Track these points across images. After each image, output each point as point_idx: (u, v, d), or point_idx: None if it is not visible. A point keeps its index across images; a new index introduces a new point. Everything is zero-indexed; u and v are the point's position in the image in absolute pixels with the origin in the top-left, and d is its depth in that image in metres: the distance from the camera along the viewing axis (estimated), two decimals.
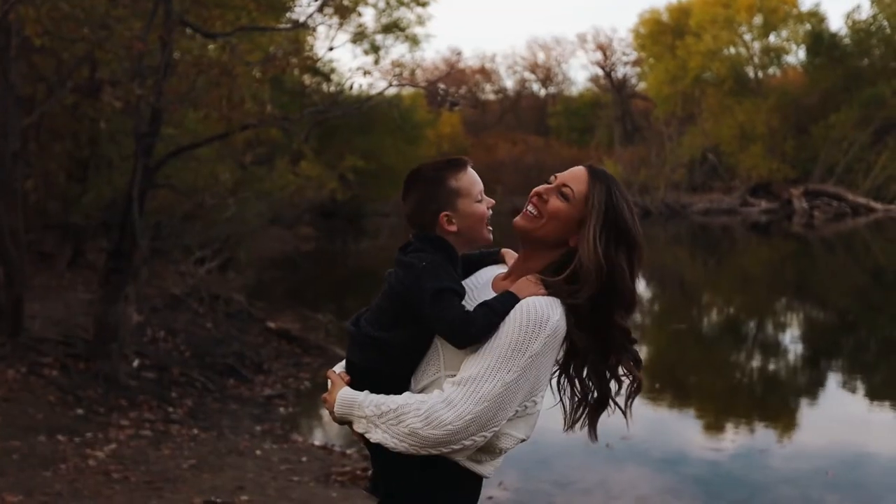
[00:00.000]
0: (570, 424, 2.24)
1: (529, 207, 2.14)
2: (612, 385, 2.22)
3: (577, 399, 2.22)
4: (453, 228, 2.13)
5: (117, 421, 7.52)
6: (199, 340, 10.60)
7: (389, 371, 2.11)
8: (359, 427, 2.05)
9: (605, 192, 2.10)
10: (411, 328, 2.09)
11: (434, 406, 1.96)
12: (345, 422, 2.10)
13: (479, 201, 2.15)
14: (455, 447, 1.97)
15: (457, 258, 2.14)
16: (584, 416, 2.23)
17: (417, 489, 2.06)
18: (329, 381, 2.18)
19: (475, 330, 2.02)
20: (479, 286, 2.20)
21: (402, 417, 1.97)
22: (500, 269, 2.29)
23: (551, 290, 2.06)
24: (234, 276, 15.57)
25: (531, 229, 2.13)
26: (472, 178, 2.15)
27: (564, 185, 2.12)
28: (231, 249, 16.08)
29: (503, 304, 2.03)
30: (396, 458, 2.02)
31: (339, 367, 2.22)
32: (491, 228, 2.18)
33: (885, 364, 11.37)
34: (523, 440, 2.12)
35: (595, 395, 2.21)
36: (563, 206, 2.10)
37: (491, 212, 2.17)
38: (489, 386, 1.95)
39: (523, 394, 2.00)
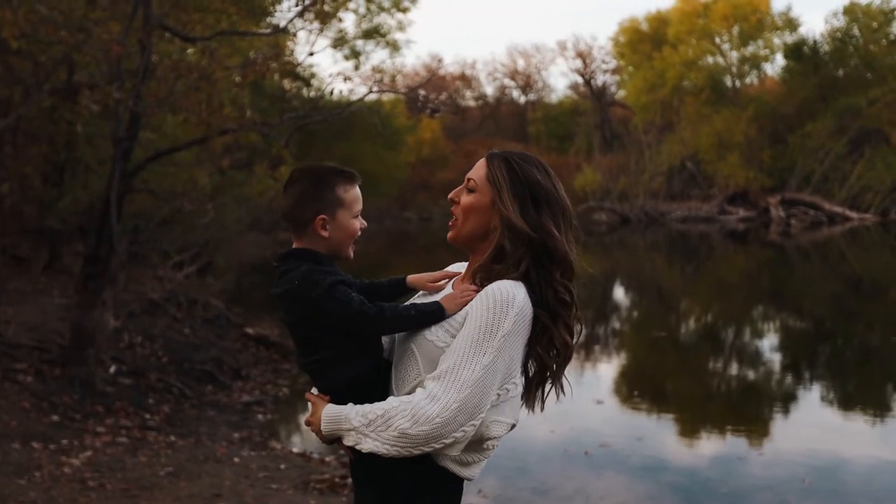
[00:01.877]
0: (532, 402, 2.18)
1: (453, 217, 2.21)
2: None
3: (533, 374, 2.17)
4: (325, 234, 2.14)
5: (93, 428, 7.44)
6: (176, 346, 10.52)
7: (354, 376, 2.11)
8: (348, 440, 2.04)
9: (504, 164, 2.16)
10: (335, 338, 2.10)
11: (418, 403, 1.96)
12: (333, 439, 2.09)
13: (356, 218, 2.19)
14: (446, 441, 1.96)
15: (325, 260, 2.14)
16: (541, 387, 2.18)
17: (403, 495, 2.06)
18: (309, 405, 2.17)
19: (390, 312, 2.06)
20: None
21: (389, 421, 1.97)
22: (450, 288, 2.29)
23: (482, 275, 2.11)
24: (213, 282, 15.48)
25: (456, 235, 2.20)
26: (357, 195, 2.20)
27: (469, 179, 2.19)
28: (209, 254, 16.01)
29: (428, 304, 2.10)
30: (384, 466, 2.02)
31: (315, 390, 2.22)
32: (354, 248, 2.22)
33: (861, 372, 11.47)
34: (513, 425, 2.12)
35: (553, 358, 2.14)
36: (471, 198, 2.17)
37: (360, 233, 2.21)
38: (468, 372, 1.96)
39: (501, 376, 2.01)
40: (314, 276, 2.05)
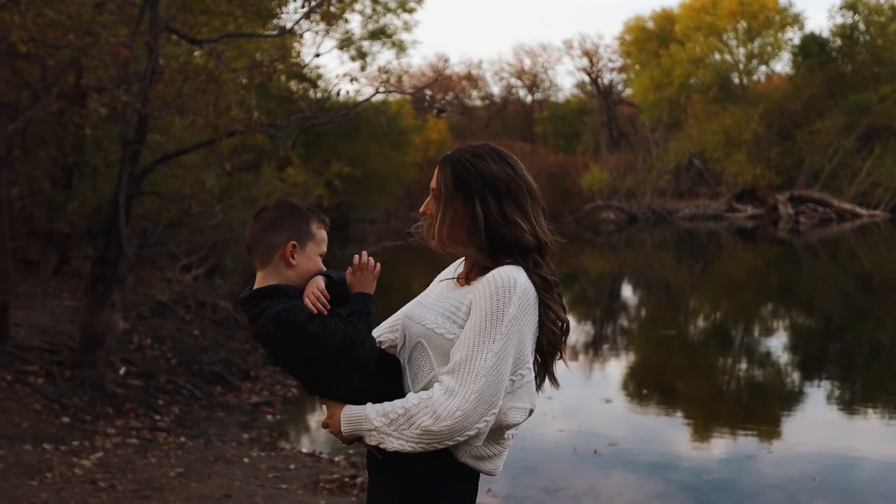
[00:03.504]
0: (554, 379, 2.23)
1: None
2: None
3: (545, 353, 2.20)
4: (293, 262, 2.12)
5: (104, 429, 7.47)
6: (185, 348, 10.54)
7: (362, 385, 2.11)
8: (371, 440, 2.06)
9: (451, 169, 2.16)
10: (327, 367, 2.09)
11: (437, 399, 1.98)
12: (354, 439, 2.10)
13: (320, 257, 2.18)
14: (470, 433, 1.98)
15: (293, 291, 2.10)
16: (552, 364, 2.22)
17: (425, 490, 2.07)
18: (325, 407, 2.17)
19: (366, 338, 2.07)
20: (442, 296, 2.21)
21: (412, 420, 1.99)
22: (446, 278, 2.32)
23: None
24: (221, 283, 15.49)
25: (437, 244, 2.21)
26: (325, 238, 2.20)
27: (432, 189, 2.20)
28: (217, 256, 16.01)
29: (361, 303, 2.10)
30: (405, 462, 2.04)
31: None
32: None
33: (871, 369, 11.43)
34: (531, 410, 2.13)
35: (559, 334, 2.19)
36: (438, 206, 2.18)
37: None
38: (481, 361, 1.98)
39: (513, 361, 2.03)
40: (287, 318, 2.02)
